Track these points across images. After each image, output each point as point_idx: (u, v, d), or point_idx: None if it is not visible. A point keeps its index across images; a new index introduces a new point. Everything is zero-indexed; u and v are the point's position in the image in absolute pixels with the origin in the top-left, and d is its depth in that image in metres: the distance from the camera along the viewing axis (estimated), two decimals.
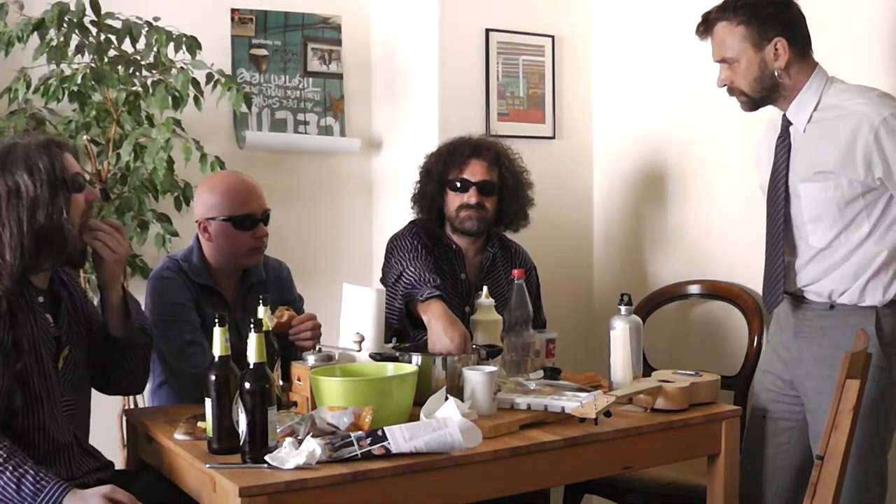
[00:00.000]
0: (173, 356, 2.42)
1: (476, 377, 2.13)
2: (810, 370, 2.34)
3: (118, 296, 2.19)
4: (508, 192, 2.87)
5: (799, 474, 2.42)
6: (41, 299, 2.07)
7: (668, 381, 2.27)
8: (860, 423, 2.01)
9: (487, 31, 3.42)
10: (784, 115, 2.37)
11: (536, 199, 3.35)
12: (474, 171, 2.81)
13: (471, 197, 2.79)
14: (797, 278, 2.38)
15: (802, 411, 2.39)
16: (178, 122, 2.82)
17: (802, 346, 2.37)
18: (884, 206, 2.25)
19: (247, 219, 2.52)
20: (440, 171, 2.84)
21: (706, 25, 2.37)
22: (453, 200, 2.82)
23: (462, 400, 2.10)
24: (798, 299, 2.39)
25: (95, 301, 2.97)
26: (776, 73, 2.30)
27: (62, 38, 2.76)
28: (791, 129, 2.36)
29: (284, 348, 2.38)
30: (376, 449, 1.83)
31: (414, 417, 2.02)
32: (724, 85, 2.37)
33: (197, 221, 2.56)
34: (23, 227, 1.97)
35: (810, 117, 2.30)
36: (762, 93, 2.34)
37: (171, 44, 2.81)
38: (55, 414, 2.03)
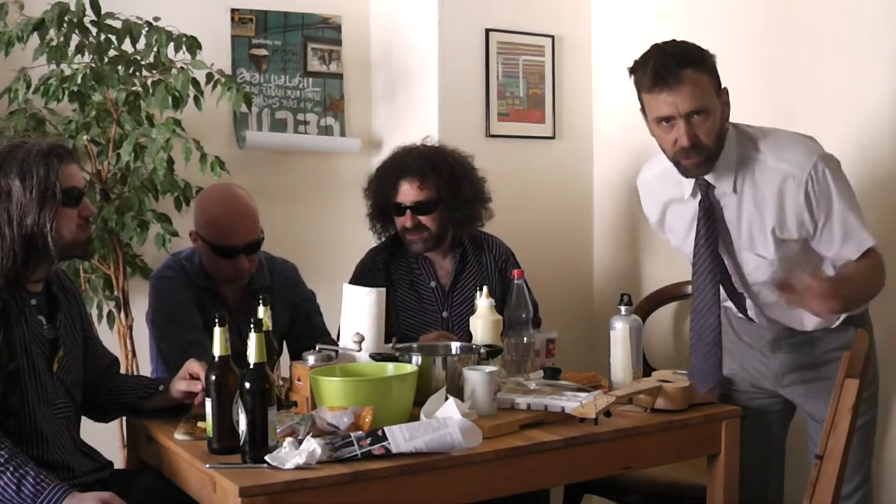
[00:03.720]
0: (175, 357, 2.42)
1: (476, 377, 2.13)
2: (796, 377, 2.36)
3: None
4: (446, 204, 2.78)
5: (777, 463, 2.46)
6: (34, 301, 2.06)
7: (668, 381, 2.27)
8: None
9: (487, 31, 3.42)
10: (701, 180, 2.21)
11: (536, 198, 3.36)
12: (406, 194, 2.77)
13: (407, 221, 2.77)
14: (757, 321, 2.36)
15: (778, 402, 2.42)
16: (178, 122, 2.81)
17: (784, 358, 2.37)
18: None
19: (226, 250, 2.50)
20: (380, 195, 2.82)
21: (671, 74, 2.08)
22: (398, 223, 2.81)
23: (462, 400, 2.10)
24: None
25: (95, 300, 2.99)
26: (726, 127, 2.16)
27: (62, 38, 2.76)
28: (715, 192, 2.21)
29: None
30: (376, 449, 1.83)
31: (414, 417, 2.02)
32: (692, 142, 2.10)
33: (190, 231, 2.60)
34: (13, 230, 1.97)
35: (735, 178, 2.17)
36: (716, 150, 2.14)
37: (171, 44, 2.81)
38: (48, 415, 2.02)
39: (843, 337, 2.27)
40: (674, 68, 2.09)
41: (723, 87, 2.16)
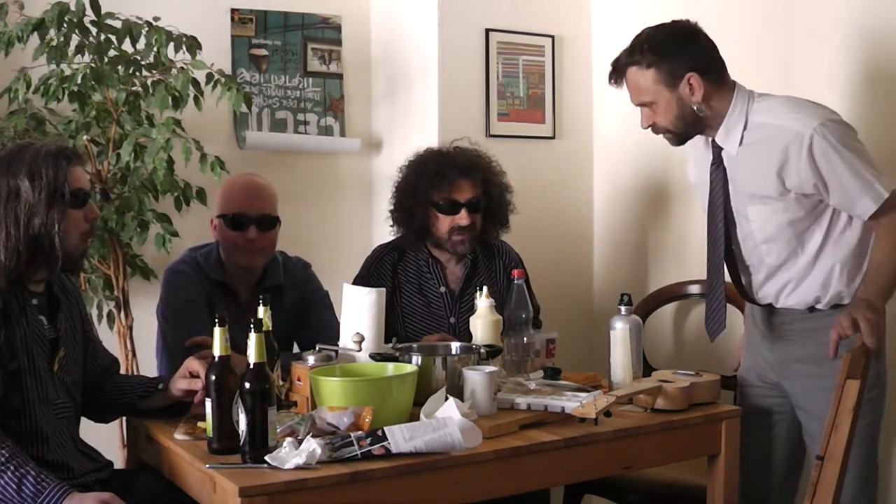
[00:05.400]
0: (179, 352, 2.42)
1: (476, 377, 2.13)
2: (796, 370, 2.36)
3: None
4: (494, 205, 2.82)
5: (790, 464, 2.45)
6: (35, 302, 2.06)
7: (668, 381, 2.27)
8: None
9: (487, 31, 3.42)
10: (713, 141, 2.34)
11: (536, 198, 3.36)
12: (462, 191, 2.76)
13: (462, 218, 2.74)
14: (759, 295, 2.40)
15: (789, 403, 2.41)
16: (178, 122, 2.81)
17: (785, 349, 2.38)
18: (831, 213, 2.27)
19: (237, 218, 2.54)
20: (425, 191, 2.77)
21: (617, 74, 2.34)
22: (442, 222, 2.76)
23: (462, 400, 2.10)
24: (769, 307, 2.40)
25: (95, 300, 2.99)
26: (695, 108, 2.27)
27: (62, 38, 2.76)
28: (723, 153, 2.33)
29: None
30: (376, 449, 1.83)
31: (414, 417, 2.02)
32: (649, 126, 2.35)
33: (210, 219, 2.65)
34: (20, 230, 1.97)
35: (741, 140, 2.28)
36: (686, 128, 2.32)
37: (171, 44, 2.81)
38: (49, 415, 2.02)
39: None
40: (621, 67, 2.35)
41: (686, 73, 2.25)
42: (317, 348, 2.25)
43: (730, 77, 2.33)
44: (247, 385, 1.84)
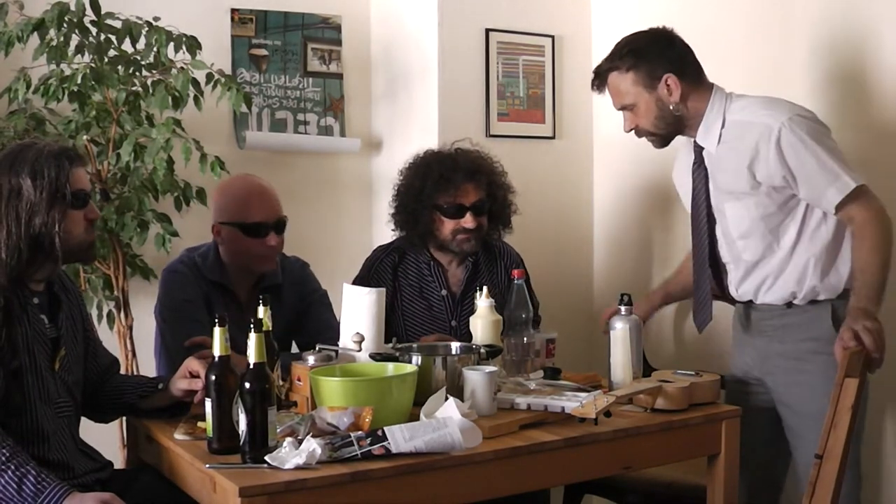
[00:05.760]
0: (178, 354, 2.42)
1: (476, 377, 2.13)
2: (777, 365, 2.38)
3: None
4: (498, 207, 2.83)
5: (778, 459, 2.46)
6: (36, 300, 2.07)
7: (668, 381, 2.27)
8: None
9: (487, 31, 3.42)
10: (695, 141, 2.42)
11: (536, 198, 3.36)
12: (468, 195, 2.75)
13: (468, 222, 2.73)
14: (738, 292, 2.43)
15: (773, 400, 2.43)
16: (178, 122, 2.82)
17: (766, 344, 2.41)
18: (804, 208, 2.29)
19: (256, 227, 2.52)
20: (430, 195, 2.74)
21: (599, 79, 2.44)
22: (447, 225, 2.75)
23: (462, 400, 2.10)
24: (749, 303, 2.43)
25: (95, 300, 3.00)
26: (673, 108, 2.36)
27: (62, 38, 2.76)
28: (704, 153, 2.41)
29: None
30: (376, 449, 1.83)
31: (414, 417, 2.02)
32: (631, 129, 2.43)
33: (212, 225, 2.59)
34: (20, 228, 1.98)
35: (719, 138, 2.35)
36: (667, 128, 2.41)
37: (171, 44, 2.81)
38: (50, 414, 2.03)
39: (819, 326, 2.29)
40: (602, 73, 2.43)
41: (663, 75, 2.34)
42: (317, 348, 2.25)
43: (707, 79, 2.41)
44: (247, 385, 1.84)
